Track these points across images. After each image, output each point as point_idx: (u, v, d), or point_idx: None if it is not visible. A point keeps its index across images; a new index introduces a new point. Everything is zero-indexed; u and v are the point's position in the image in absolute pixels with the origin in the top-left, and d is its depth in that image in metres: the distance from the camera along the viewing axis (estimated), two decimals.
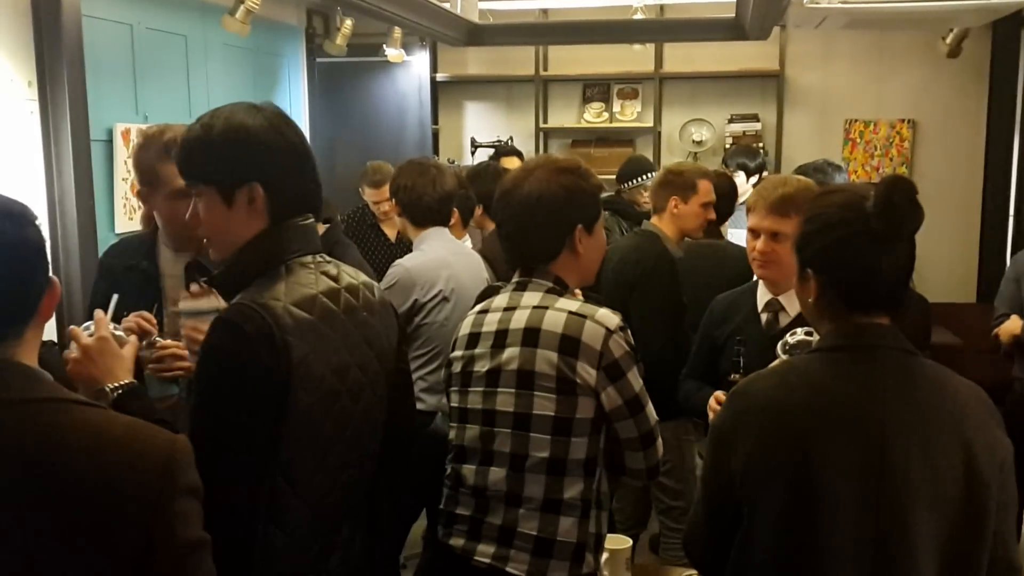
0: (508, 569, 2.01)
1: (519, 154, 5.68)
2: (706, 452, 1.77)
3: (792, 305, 2.65)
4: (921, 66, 6.56)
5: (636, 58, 6.79)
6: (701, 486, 1.79)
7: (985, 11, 4.62)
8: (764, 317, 2.70)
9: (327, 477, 1.74)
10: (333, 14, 5.59)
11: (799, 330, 2.30)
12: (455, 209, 3.51)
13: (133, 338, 1.90)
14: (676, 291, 3.53)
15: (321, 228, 2.56)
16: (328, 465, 1.74)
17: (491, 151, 6.52)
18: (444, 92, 7.28)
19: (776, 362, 1.95)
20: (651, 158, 6.57)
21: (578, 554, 2.02)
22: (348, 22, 5.49)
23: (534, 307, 2.07)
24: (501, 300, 2.15)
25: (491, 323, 2.11)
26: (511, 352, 2.04)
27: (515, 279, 2.17)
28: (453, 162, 6.72)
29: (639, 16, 5.99)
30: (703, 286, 3.35)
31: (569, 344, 1.99)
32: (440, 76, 7.15)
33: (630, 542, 2.35)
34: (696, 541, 1.81)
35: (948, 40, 5.73)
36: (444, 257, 3.29)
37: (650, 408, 2.07)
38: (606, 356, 1.99)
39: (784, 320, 2.65)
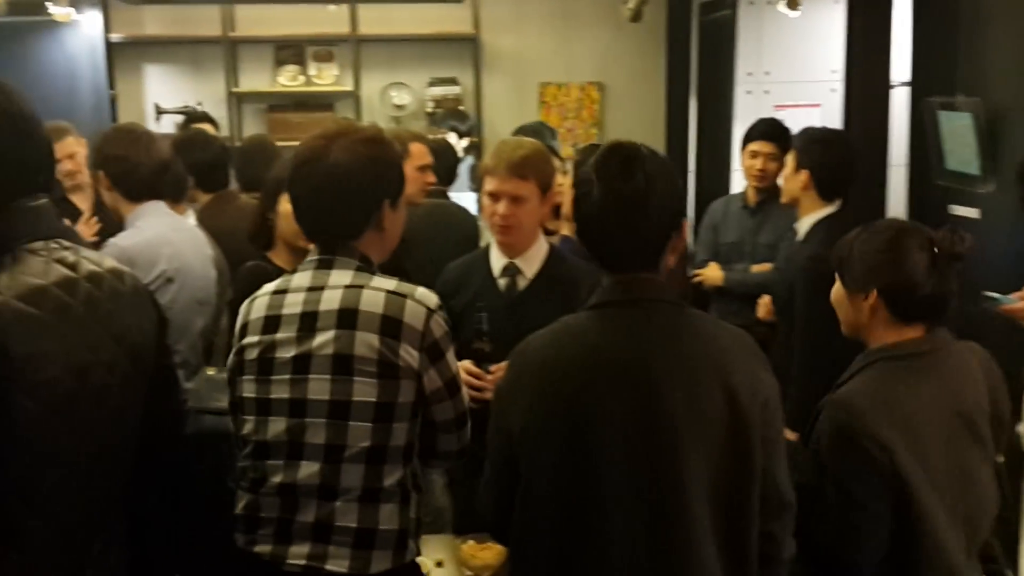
0: (327, 567, 1.87)
1: (212, 121, 5.31)
2: (491, 415, 1.83)
3: (530, 268, 2.67)
4: (606, 30, 6.81)
5: (331, 19, 6.57)
6: (488, 447, 1.84)
7: None
8: (502, 282, 2.69)
9: (70, 490, 1.57)
10: None
11: None
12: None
13: None
14: (396, 262, 3.44)
15: None
16: (71, 477, 1.57)
17: (180, 118, 6.06)
18: (120, 54, 6.67)
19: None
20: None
21: (401, 541, 1.92)
22: None
23: (346, 286, 1.92)
24: (302, 279, 1.97)
25: (294, 304, 1.93)
26: (325, 336, 1.89)
27: (315, 256, 2.00)
28: None
29: None
30: (433, 252, 3.28)
31: (391, 325, 1.89)
32: (115, 37, 6.53)
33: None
34: (484, 503, 1.87)
35: (630, 4, 6.02)
36: (164, 234, 2.98)
37: (464, 389, 2.03)
38: (427, 337, 1.91)
39: (522, 283, 2.68)
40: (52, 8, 5.36)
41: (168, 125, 6.19)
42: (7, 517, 1.49)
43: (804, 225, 3.38)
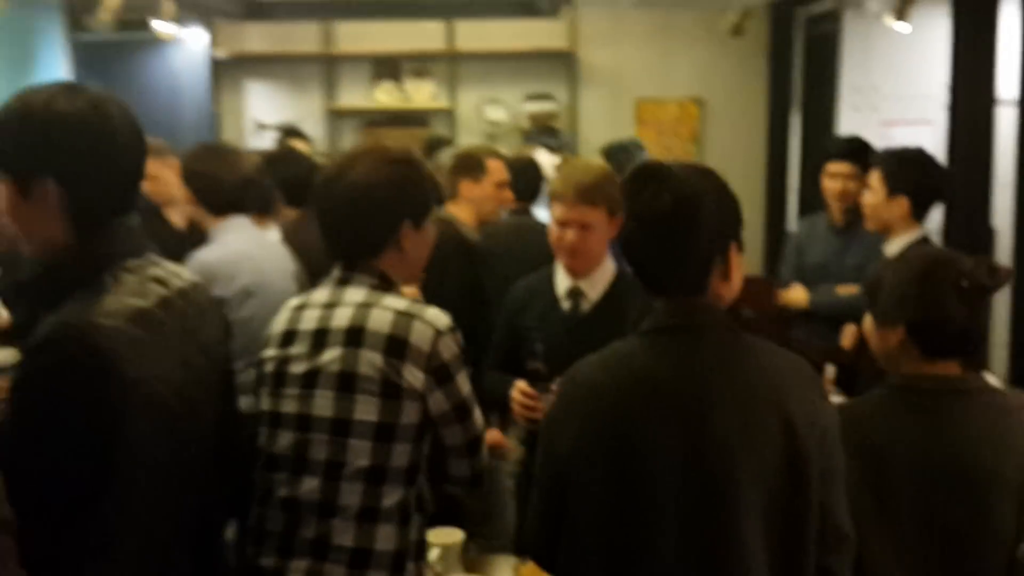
0: None
1: (304, 137, 5.37)
2: (539, 441, 1.81)
3: (594, 290, 2.65)
4: (706, 45, 6.71)
5: (427, 35, 6.63)
6: (536, 475, 1.81)
7: None
8: (566, 304, 2.68)
9: (162, 506, 1.63)
10: None
11: None
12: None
13: None
14: (475, 279, 3.44)
15: None
16: (168, 491, 1.63)
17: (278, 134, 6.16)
18: (223, 71, 6.85)
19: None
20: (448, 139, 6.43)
21: (398, 563, 1.90)
22: None
23: (358, 304, 1.93)
24: (321, 295, 1.99)
25: (310, 320, 1.95)
26: (332, 353, 1.90)
27: (336, 273, 2.01)
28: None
29: None
30: (511, 268, 3.24)
31: (396, 345, 1.88)
32: (218, 54, 6.71)
33: (462, 535, 2.29)
34: (529, 529, 1.83)
35: (731, 19, 5.91)
36: (245, 249, 3.01)
37: (477, 413, 2.00)
38: (435, 358, 1.90)
39: (585, 307, 2.65)
40: (157, 26, 5.49)
41: (268, 141, 6.29)
42: (106, 531, 1.53)
43: (894, 247, 3.22)
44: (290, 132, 5.42)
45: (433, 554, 2.22)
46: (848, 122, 5.95)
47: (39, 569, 1.28)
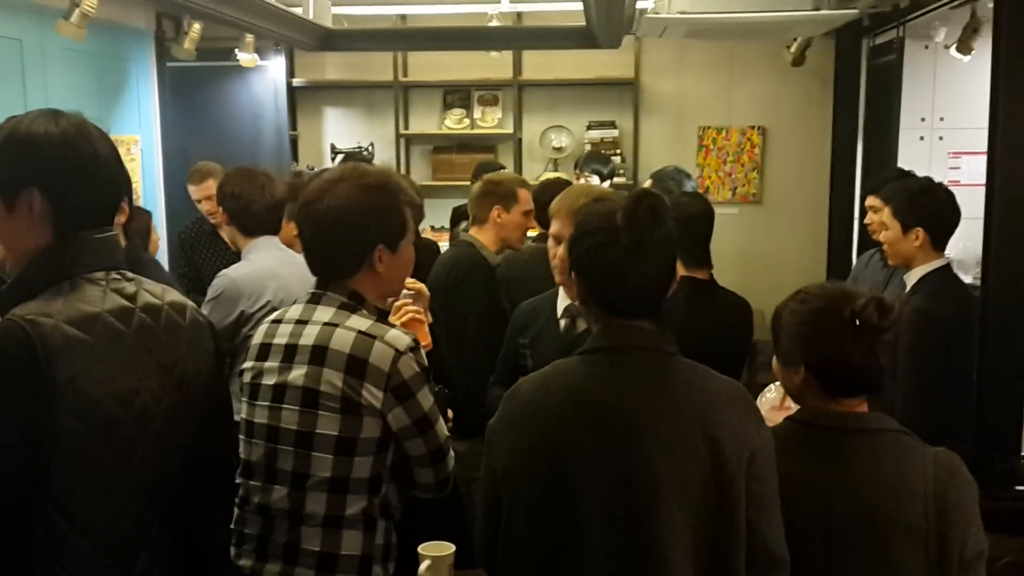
0: None
1: (368, 161, 5.62)
2: (484, 452, 1.85)
3: None
4: (769, 74, 6.77)
5: (495, 65, 6.83)
6: (480, 485, 1.86)
7: (819, 22, 4.82)
8: (563, 323, 2.75)
9: (111, 508, 1.66)
10: (183, 18, 5.45)
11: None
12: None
13: None
14: (494, 300, 3.54)
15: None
16: (112, 496, 1.66)
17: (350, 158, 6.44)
18: (302, 97, 7.19)
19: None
20: (511, 165, 6.62)
21: (364, 567, 2.01)
22: (196, 26, 5.35)
23: (324, 323, 2.02)
24: (295, 311, 2.10)
25: (283, 335, 2.06)
26: (299, 370, 2.00)
27: (311, 290, 2.12)
28: (312, 168, 6.62)
29: (494, 23, 6.02)
30: (532, 294, 3.36)
31: (355, 365, 1.96)
32: (297, 81, 7.05)
33: (452, 548, 2.30)
34: (478, 538, 1.88)
35: (792, 49, 5.96)
36: (272, 267, 3.20)
37: (440, 425, 2.06)
38: (394, 378, 1.96)
39: (582, 325, 2.70)
40: (240, 55, 5.79)
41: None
42: (51, 532, 1.57)
43: (912, 277, 3.28)
44: (354, 157, 5.68)
45: (423, 566, 2.25)
46: (912, 152, 5.93)
47: None
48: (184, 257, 4.90)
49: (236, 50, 5.76)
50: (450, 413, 2.18)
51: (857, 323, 1.83)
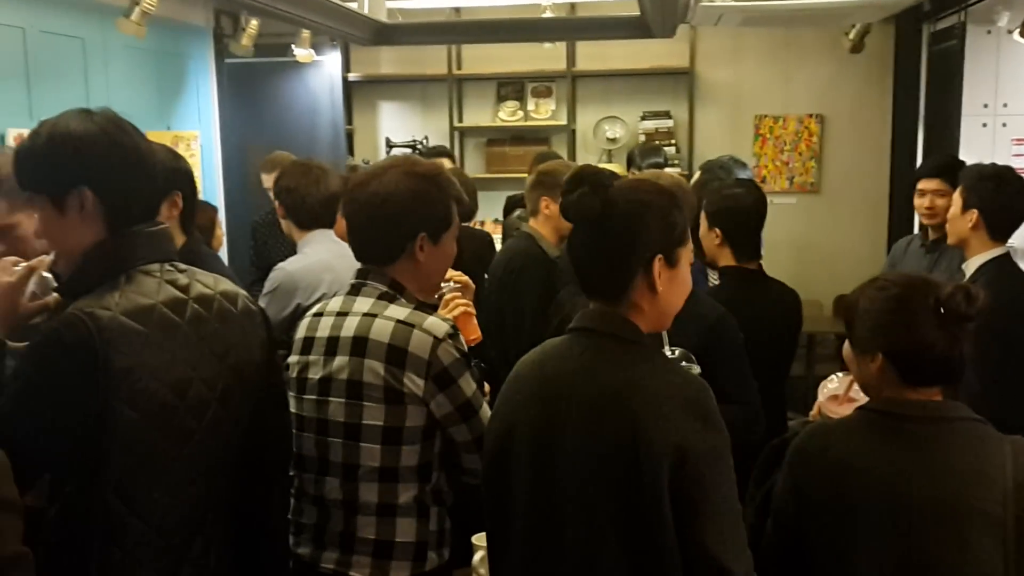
0: (351, 573, 2.02)
1: (449, 155, 5.56)
2: None
3: None
4: (827, 62, 6.67)
5: (549, 56, 6.81)
6: None
7: (878, 7, 4.74)
8: None
9: (167, 494, 1.71)
10: (241, 14, 5.53)
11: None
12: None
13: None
14: (552, 292, 3.48)
15: (180, 239, 2.50)
16: (168, 482, 1.71)
17: (407, 151, 6.48)
18: (357, 92, 7.25)
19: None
20: (566, 156, 6.60)
21: (420, 553, 2.03)
22: (253, 22, 5.43)
23: (364, 314, 2.03)
24: (335, 303, 2.12)
25: (324, 328, 2.08)
26: (341, 361, 2.01)
27: (352, 280, 2.13)
28: (367, 162, 6.68)
29: (547, 15, 6.01)
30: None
31: (396, 354, 1.97)
32: (352, 76, 7.11)
33: None
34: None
35: (851, 36, 5.86)
36: (327, 260, 3.21)
37: (485, 410, 2.05)
38: (435, 365, 1.97)
39: None
40: (296, 50, 5.86)
41: None
42: (109, 516, 1.64)
43: (971, 266, 3.21)
44: (438, 152, 5.66)
45: (476, 557, 2.28)
46: (975, 139, 5.81)
47: (54, 553, 1.37)
48: (254, 247, 4.93)
49: (293, 46, 5.83)
50: (487, 387, 2.16)
51: (941, 311, 1.80)
